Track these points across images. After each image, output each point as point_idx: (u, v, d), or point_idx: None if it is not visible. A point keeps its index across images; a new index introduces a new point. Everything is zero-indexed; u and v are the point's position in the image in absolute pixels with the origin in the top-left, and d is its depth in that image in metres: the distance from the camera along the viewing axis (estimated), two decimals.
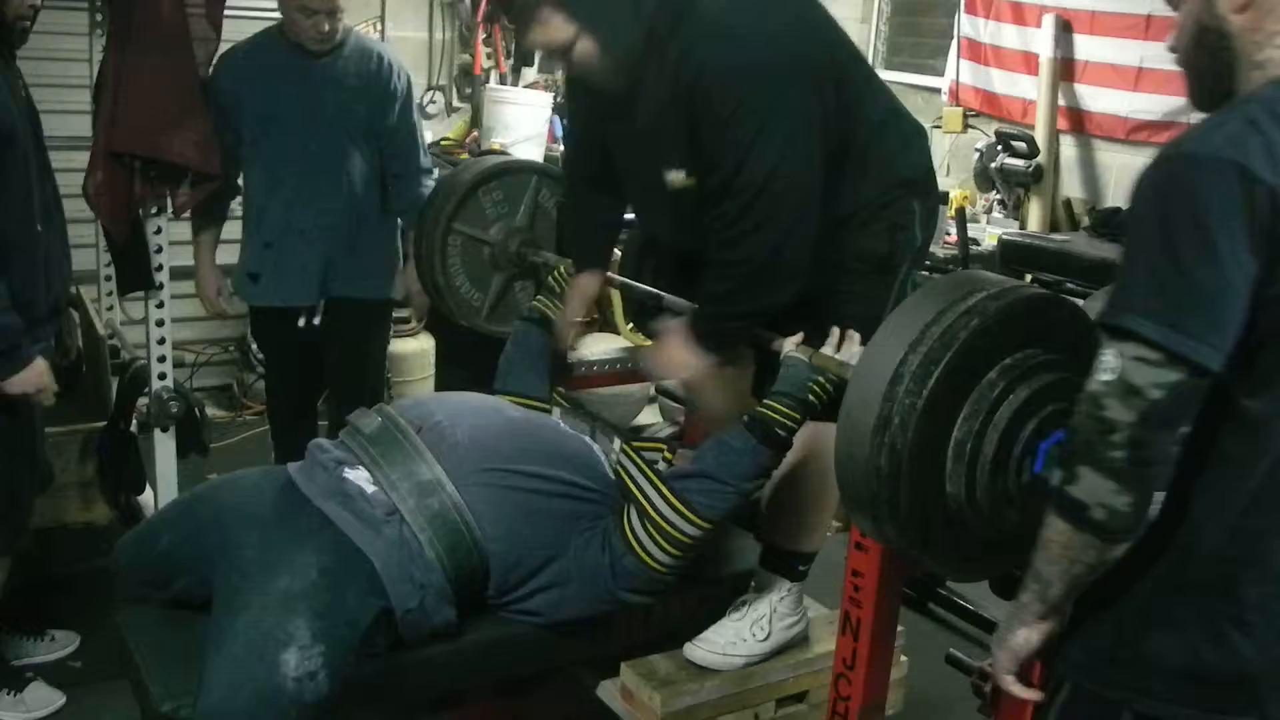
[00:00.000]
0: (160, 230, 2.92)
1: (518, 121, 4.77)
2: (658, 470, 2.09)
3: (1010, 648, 1.46)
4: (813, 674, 2.29)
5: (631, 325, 3.70)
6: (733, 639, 2.24)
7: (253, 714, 1.74)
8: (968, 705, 2.26)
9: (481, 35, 5.00)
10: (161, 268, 2.93)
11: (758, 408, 2.03)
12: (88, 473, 3.19)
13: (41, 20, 2.52)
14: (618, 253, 2.92)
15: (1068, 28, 4.29)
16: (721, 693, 2.20)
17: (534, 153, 4.64)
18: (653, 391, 4.25)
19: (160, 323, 2.95)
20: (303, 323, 3.19)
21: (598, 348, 2.42)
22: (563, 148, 2.68)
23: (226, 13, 2.87)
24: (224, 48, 2.98)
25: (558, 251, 2.75)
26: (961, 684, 2.35)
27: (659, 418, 4.36)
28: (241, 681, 1.75)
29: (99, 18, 3.67)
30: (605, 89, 2.09)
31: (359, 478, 2.00)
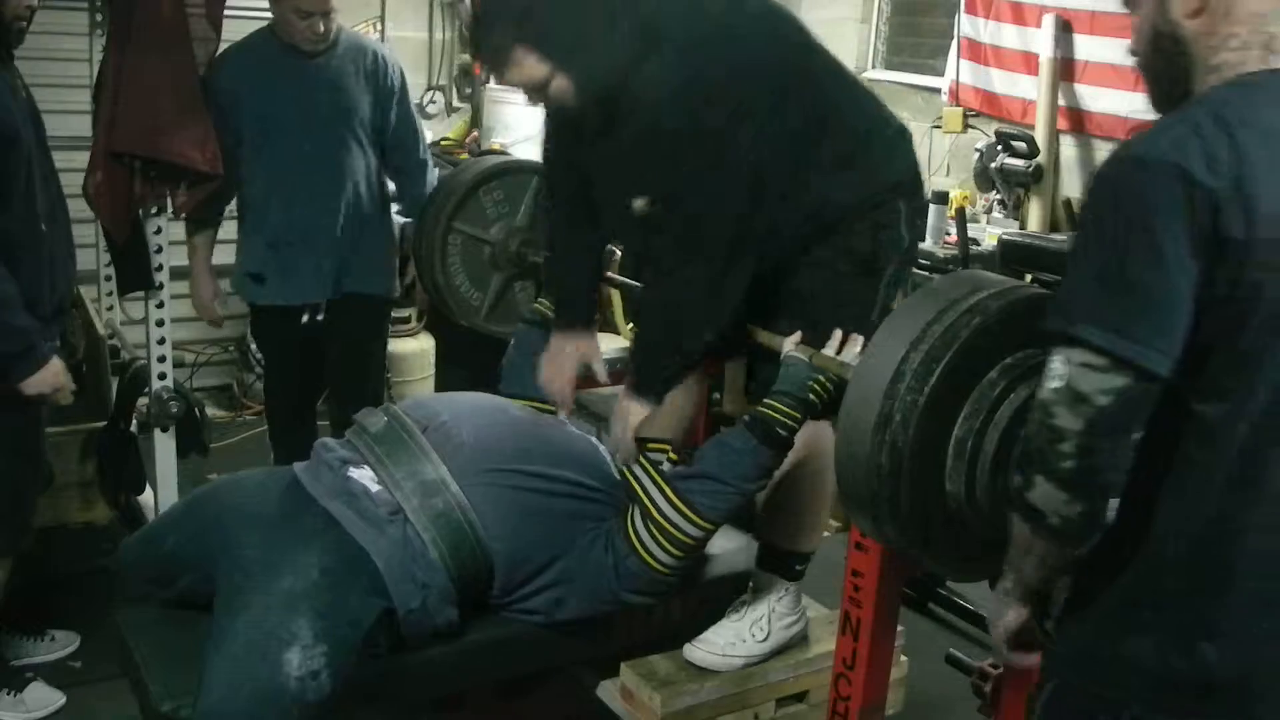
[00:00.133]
0: (160, 230, 2.92)
1: (518, 121, 4.77)
2: (662, 470, 2.09)
3: (1003, 626, 1.50)
4: (813, 674, 2.29)
5: (632, 325, 3.70)
6: (732, 640, 2.24)
7: (253, 713, 1.74)
8: (968, 705, 2.27)
9: None
10: (161, 268, 2.93)
11: (758, 408, 2.04)
12: (88, 473, 3.19)
13: (41, 20, 2.51)
14: (618, 253, 2.91)
15: (1068, 28, 4.28)
16: (721, 693, 2.21)
17: (534, 153, 4.61)
18: None
19: (160, 323, 2.95)
20: (306, 318, 3.18)
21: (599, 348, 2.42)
22: (541, 182, 2.65)
23: (226, 13, 2.87)
24: (224, 47, 2.97)
25: (537, 289, 2.70)
26: (961, 684, 2.35)
27: None
28: (242, 681, 1.75)
29: (99, 18, 3.67)
30: (584, 119, 2.09)
31: (364, 477, 2.00)
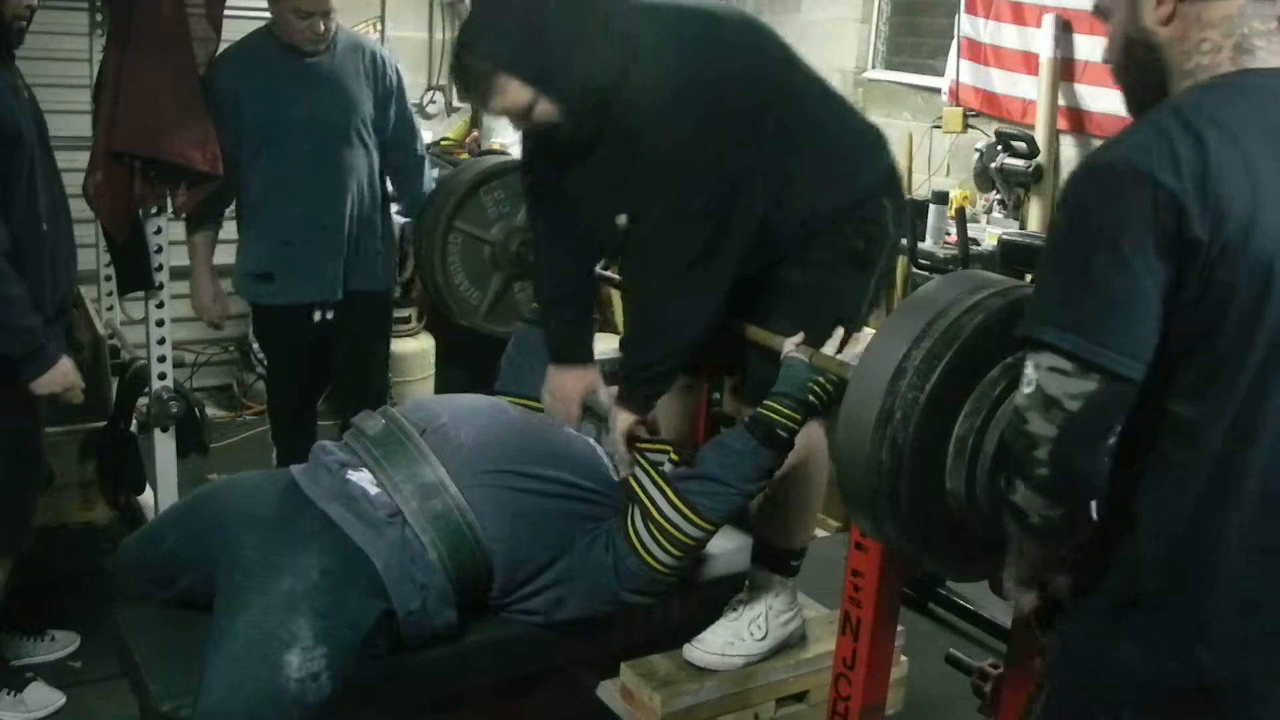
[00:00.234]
0: (160, 230, 2.92)
1: None
2: (662, 471, 2.09)
3: (1021, 606, 1.55)
4: (813, 674, 2.30)
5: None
6: (730, 639, 2.24)
7: (253, 714, 1.75)
8: (968, 705, 2.27)
9: None
10: (161, 268, 2.93)
11: (759, 410, 2.04)
12: (88, 473, 3.19)
13: (41, 20, 2.51)
14: None
15: (1068, 28, 4.28)
16: (721, 693, 2.21)
17: None
18: None
19: (160, 323, 2.95)
20: (318, 317, 3.18)
21: (598, 348, 2.42)
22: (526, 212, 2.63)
23: (226, 13, 2.87)
24: (223, 48, 2.97)
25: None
26: (961, 684, 2.35)
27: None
28: (242, 681, 1.75)
29: (99, 18, 3.68)
30: (568, 141, 2.09)
31: (362, 479, 2.00)
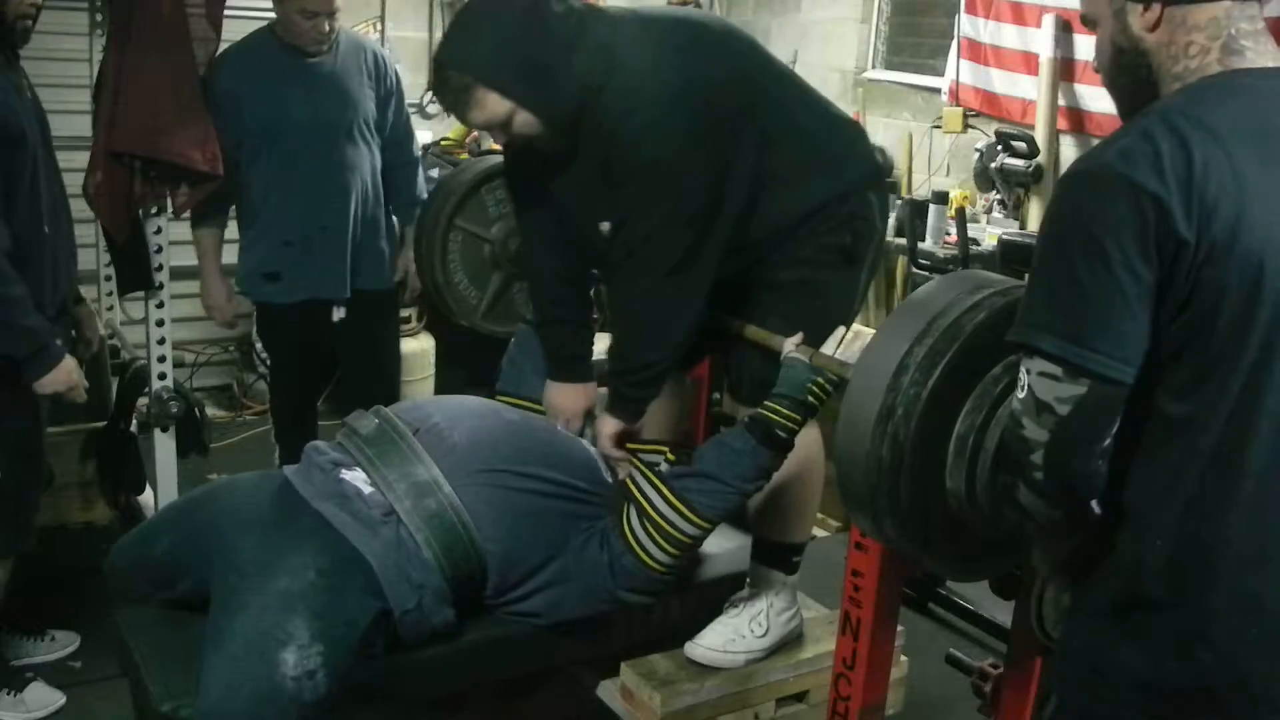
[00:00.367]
0: (160, 230, 2.92)
1: None
2: (658, 471, 2.09)
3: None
4: (813, 674, 2.30)
5: None
6: (732, 636, 2.25)
7: (252, 714, 1.75)
8: (968, 705, 2.27)
9: None
10: (161, 268, 2.93)
11: (759, 410, 2.04)
12: (88, 473, 3.19)
13: (42, 20, 2.50)
14: None
15: (1068, 28, 4.27)
16: (721, 692, 2.21)
17: None
18: None
19: (160, 323, 2.95)
20: (336, 316, 3.20)
21: (598, 348, 2.42)
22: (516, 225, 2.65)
23: (226, 13, 2.86)
24: (224, 48, 2.97)
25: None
26: (961, 684, 2.35)
27: None
28: (240, 681, 1.75)
29: (99, 18, 3.68)
30: (549, 150, 2.10)
31: (356, 479, 2.00)
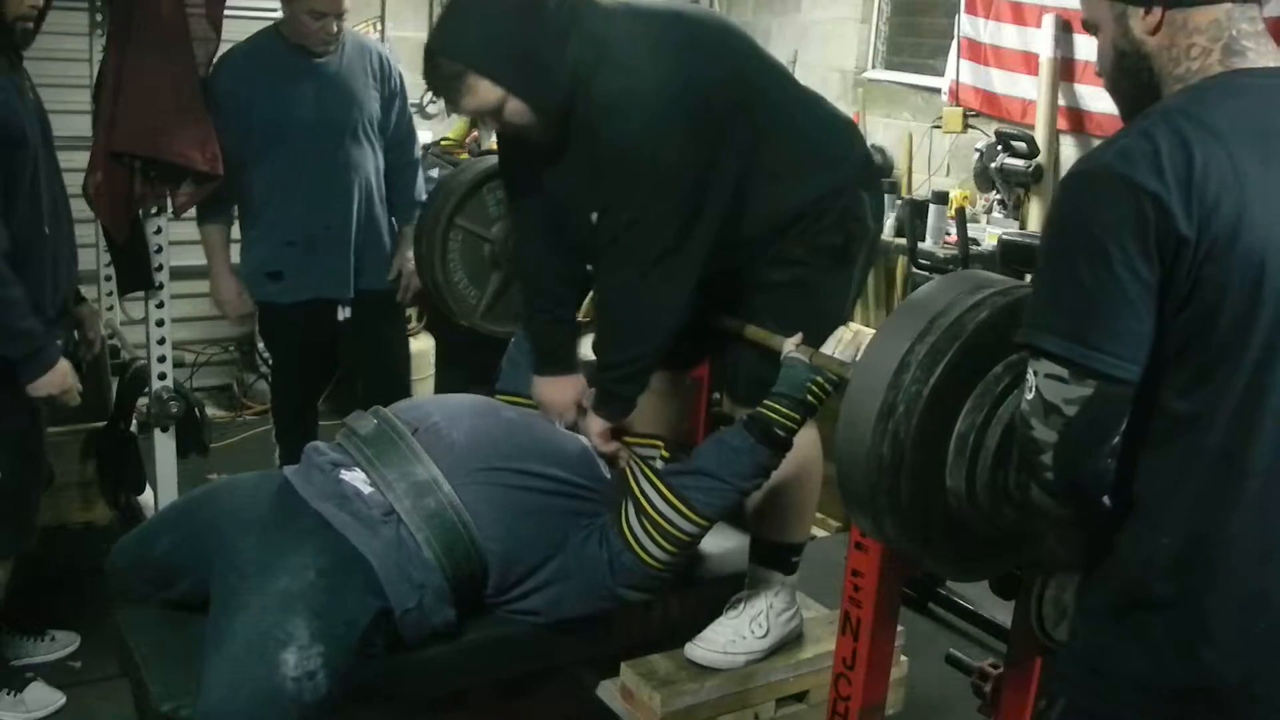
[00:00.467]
0: (160, 230, 2.92)
1: None
2: (655, 467, 2.09)
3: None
4: (813, 674, 2.30)
5: None
6: (732, 637, 2.24)
7: (252, 714, 1.75)
8: (968, 705, 2.27)
9: None
10: (161, 268, 2.93)
11: (759, 409, 2.04)
12: (88, 473, 3.19)
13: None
14: None
15: (1068, 28, 4.27)
16: (721, 692, 2.21)
17: None
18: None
19: (160, 323, 2.95)
20: (341, 316, 3.21)
21: (585, 346, 2.42)
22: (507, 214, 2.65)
23: (226, 13, 2.86)
24: (224, 48, 2.97)
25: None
26: (961, 684, 2.35)
27: None
28: (241, 681, 1.75)
29: (99, 18, 3.67)
30: (541, 140, 2.10)
31: (355, 479, 2.00)
